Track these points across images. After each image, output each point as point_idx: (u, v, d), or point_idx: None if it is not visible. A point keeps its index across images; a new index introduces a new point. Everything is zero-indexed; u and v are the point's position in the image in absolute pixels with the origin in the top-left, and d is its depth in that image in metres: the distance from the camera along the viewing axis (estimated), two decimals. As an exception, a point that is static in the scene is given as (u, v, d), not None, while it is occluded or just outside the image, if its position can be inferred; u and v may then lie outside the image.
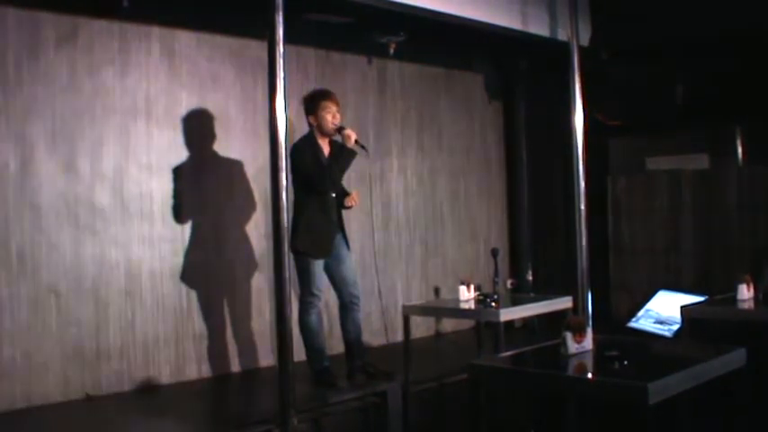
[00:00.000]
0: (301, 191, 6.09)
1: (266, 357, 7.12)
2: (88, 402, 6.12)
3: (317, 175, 6.03)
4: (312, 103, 6.19)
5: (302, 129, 7.07)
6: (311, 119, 6.17)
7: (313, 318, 6.12)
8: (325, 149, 6.22)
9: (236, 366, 7.05)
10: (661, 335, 7.32)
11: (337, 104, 6.22)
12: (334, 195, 6.20)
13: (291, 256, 6.10)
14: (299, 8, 5.78)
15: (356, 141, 6.13)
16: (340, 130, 6.16)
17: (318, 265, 6.11)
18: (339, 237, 6.25)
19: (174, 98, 6.79)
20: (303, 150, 6.08)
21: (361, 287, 6.50)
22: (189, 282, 6.79)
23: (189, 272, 6.79)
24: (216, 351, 6.93)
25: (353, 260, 6.48)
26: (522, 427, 5.64)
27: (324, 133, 6.19)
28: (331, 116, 6.15)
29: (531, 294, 6.69)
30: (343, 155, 6.09)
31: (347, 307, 6.31)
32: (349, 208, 6.34)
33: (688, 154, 8.48)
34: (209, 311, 6.92)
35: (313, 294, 6.10)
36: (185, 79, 6.87)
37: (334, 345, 6.74)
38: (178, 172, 6.78)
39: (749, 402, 4.24)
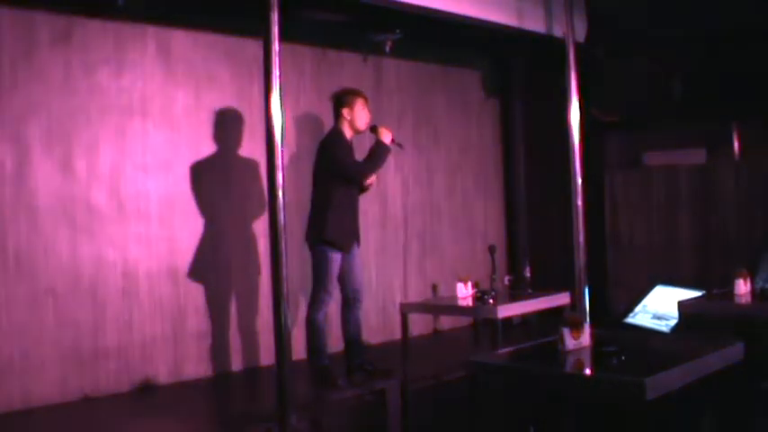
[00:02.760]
0: (330, 184, 6.14)
1: (266, 356, 7.11)
2: (86, 403, 6.12)
3: (354, 170, 6.11)
4: (349, 97, 6.25)
5: (300, 127, 7.09)
6: (346, 111, 6.21)
7: (321, 316, 6.14)
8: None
9: (234, 365, 7.05)
10: (659, 330, 7.32)
11: (368, 105, 6.33)
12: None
13: (310, 250, 6.22)
14: (294, 6, 5.77)
15: (392, 140, 6.24)
16: (373, 128, 6.26)
17: (338, 261, 6.15)
18: None
19: (169, 97, 6.79)
20: (339, 144, 6.16)
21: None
22: (187, 281, 6.79)
23: (187, 271, 6.79)
24: (214, 350, 6.94)
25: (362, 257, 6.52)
26: (520, 424, 5.63)
27: (354, 129, 6.24)
28: (365, 115, 6.25)
29: (529, 291, 6.67)
30: (380, 151, 6.16)
31: (350, 303, 6.32)
32: (368, 188, 6.41)
33: (685, 149, 8.48)
34: (208, 311, 6.92)
35: (327, 291, 6.13)
36: (181, 78, 6.87)
37: (332, 342, 6.71)
38: (175, 171, 6.77)
39: (747, 396, 4.24)
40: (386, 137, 6.18)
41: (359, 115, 6.20)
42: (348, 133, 6.24)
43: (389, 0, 6.52)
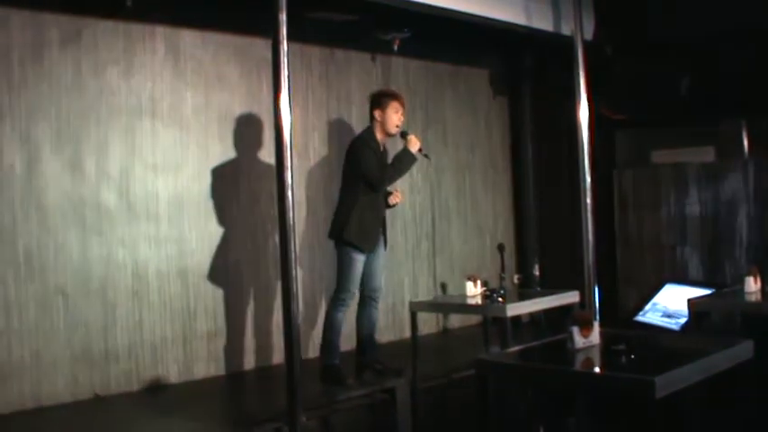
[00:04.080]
0: (355, 185, 6.17)
1: (277, 355, 7.12)
2: (97, 402, 6.14)
3: (377, 176, 6.11)
4: (382, 98, 6.28)
5: (309, 127, 7.11)
6: (377, 113, 6.23)
7: (340, 315, 6.18)
8: (381, 149, 6.31)
9: (245, 365, 7.07)
10: (668, 328, 7.31)
11: (404, 108, 6.31)
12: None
13: (334, 248, 6.26)
14: (302, 6, 5.78)
15: (420, 149, 6.23)
16: (403, 134, 6.25)
17: (361, 261, 6.17)
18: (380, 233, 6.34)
19: (179, 97, 6.80)
20: (366, 147, 6.18)
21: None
22: (197, 281, 6.80)
23: (197, 271, 6.80)
24: (225, 350, 6.95)
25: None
26: (530, 422, 5.64)
27: (384, 132, 6.25)
28: (397, 118, 6.24)
29: (538, 289, 6.69)
30: (404, 159, 6.18)
31: (366, 302, 6.33)
32: (394, 206, 6.45)
33: (694, 147, 8.47)
34: (218, 311, 6.93)
35: (349, 291, 6.16)
36: (190, 78, 6.88)
37: (344, 340, 6.71)
38: (184, 171, 6.79)
39: (756, 395, 4.24)
40: (413, 146, 6.19)
41: (390, 118, 6.21)
42: (380, 135, 6.25)
43: (397, -1, 6.54)
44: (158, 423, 5.66)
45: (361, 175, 6.11)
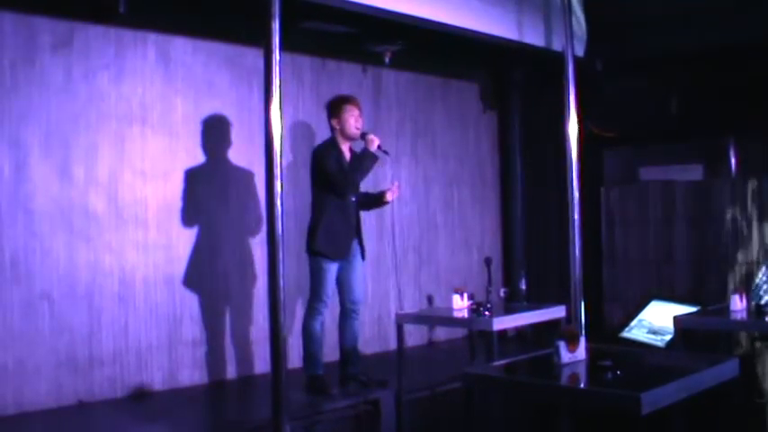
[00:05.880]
0: (322, 193, 6.17)
1: (261, 364, 7.10)
2: (81, 409, 6.10)
3: (339, 179, 6.08)
4: (336, 106, 6.26)
5: (298, 136, 7.12)
6: (334, 122, 6.23)
7: (316, 325, 6.16)
8: (346, 155, 6.27)
9: (230, 373, 7.04)
10: (654, 345, 7.33)
11: (360, 110, 6.29)
12: (354, 199, 6.26)
13: (307, 258, 6.26)
14: (295, 16, 5.78)
15: (378, 146, 6.20)
16: (363, 135, 6.22)
17: (332, 271, 6.15)
18: (355, 242, 6.30)
19: (169, 104, 6.79)
20: (327, 153, 6.16)
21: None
22: (184, 288, 6.78)
23: (184, 278, 6.78)
24: (210, 358, 6.92)
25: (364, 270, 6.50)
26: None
27: (346, 137, 6.24)
28: (354, 120, 6.21)
29: (525, 303, 6.67)
30: (364, 159, 6.15)
31: (347, 314, 6.33)
32: (387, 203, 6.46)
33: (682, 165, 8.49)
34: (204, 318, 6.91)
35: (321, 300, 6.14)
36: (181, 85, 6.87)
37: (328, 352, 6.71)
38: (173, 178, 6.77)
39: (741, 413, 4.25)
40: (372, 144, 6.17)
41: (346, 123, 6.19)
42: (342, 142, 6.24)
43: (390, 11, 6.53)
44: (142, 430, 5.63)
45: (326, 180, 6.10)
